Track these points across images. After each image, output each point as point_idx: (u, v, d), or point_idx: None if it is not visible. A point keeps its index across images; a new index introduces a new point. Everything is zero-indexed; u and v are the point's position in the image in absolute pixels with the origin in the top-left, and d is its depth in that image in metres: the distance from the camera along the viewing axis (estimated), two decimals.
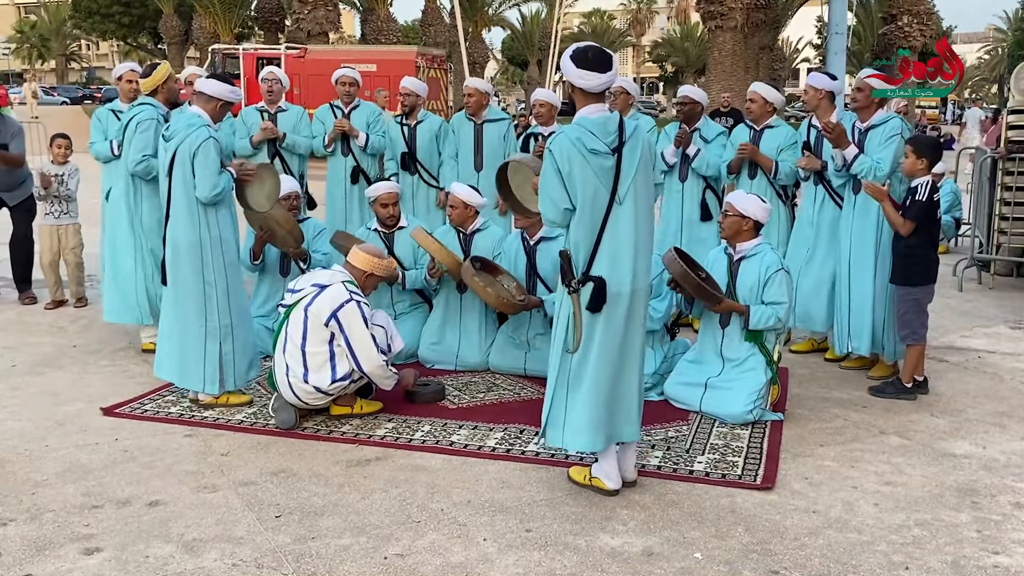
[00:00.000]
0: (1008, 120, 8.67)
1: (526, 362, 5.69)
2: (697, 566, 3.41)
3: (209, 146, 4.82)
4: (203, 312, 4.95)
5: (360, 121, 7.38)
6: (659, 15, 76.97)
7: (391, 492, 4.03)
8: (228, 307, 5.00)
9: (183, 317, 4.99)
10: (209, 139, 4.82)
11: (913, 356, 5.36)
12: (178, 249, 4.93)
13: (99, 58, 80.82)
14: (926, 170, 5.25)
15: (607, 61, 3.76)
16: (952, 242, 10.99)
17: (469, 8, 41.04)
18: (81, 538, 3.61)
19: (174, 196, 4.92)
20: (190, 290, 4.94)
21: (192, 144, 4.81)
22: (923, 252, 5.29)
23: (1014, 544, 3.59)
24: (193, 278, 4.93)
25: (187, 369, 5.03)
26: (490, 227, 6.05)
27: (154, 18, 43.87)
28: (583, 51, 3.77)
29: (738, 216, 5.04)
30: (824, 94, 5.99)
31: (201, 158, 4.80)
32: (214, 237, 4.94)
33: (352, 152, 7.36)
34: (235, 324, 5.04)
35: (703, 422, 4.91)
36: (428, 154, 7.32)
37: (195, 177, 4.83)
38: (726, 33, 19.89)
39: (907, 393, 5.33)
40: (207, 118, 4.92)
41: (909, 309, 5.32)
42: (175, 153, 4.85)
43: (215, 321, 4.97)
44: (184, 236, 4.91)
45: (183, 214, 4.90)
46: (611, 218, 3.76)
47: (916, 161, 5.24)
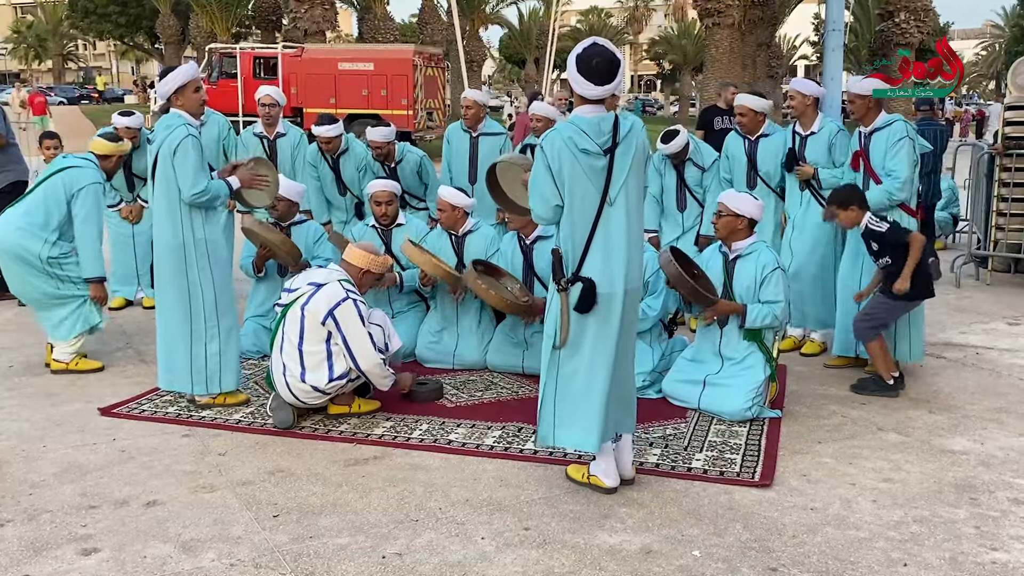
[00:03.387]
0: (1005, 116, 8.67)
1: (524, 360, 5.69)
2: (695, 564, 3.41)
3: (187, 144, 4.77)
4: (188, 314, 4.93)
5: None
6: (656, 12, 76.87)
7: (389, 491, 4.03)
8: (215, 310, 4.97)
9: (167, 319, 4.98)
10: (188, 137, 4.78)
11: (876, 352, 5.35)
12: (161, 251, 4.93)
13: (96, 58, 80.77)
14: (861, 213, 5.25)
15: (611, 72, 3.67)
16: (950, 238, 11.00)
17: (466, 6, 41.00)
18: (79, 538, 3.61)
19: (156, 198, 4.92)
20: (173, 292, 4.93)
21: (171, 144, 4.78)
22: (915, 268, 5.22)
23: (1012, 540, 3.59)
24: (176, 280, 4.91)
25: (174, 372, 5.02)
26: (481, 227, 6.04)
27: (151, 17, 43.84)
28: (588, 58, 3.68)
29: (732, 216, 5.03)
30: (811, 100, 5.99)
31: (180, 157, 4.76)
32: (198, 239, 4.89)
33: (349, 191, 7.10)
34: (222, 326, 5.01)
35: (701, 419, 4.91)
36: (413, 187, 7.18)
37: (177, 178, 4.80)
38: (723, 30, 19.86)
39: (889, 389, 5.32)
40: (187, 117, 4.87)
41: (875, 312, 5.31)
42: (156, 155, 4.84)
43: (200, 323, 4.95)
44: (167, 238, 4.89)
45: (165, 216, 4.88)
46: (602, 219, 3.75)
47: (847, 213, 5.26)
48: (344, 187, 7.09)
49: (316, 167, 7.10)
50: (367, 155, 7.11)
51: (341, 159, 7.06)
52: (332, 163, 7.06)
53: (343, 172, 7.07)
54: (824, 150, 5.96)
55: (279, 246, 5.81)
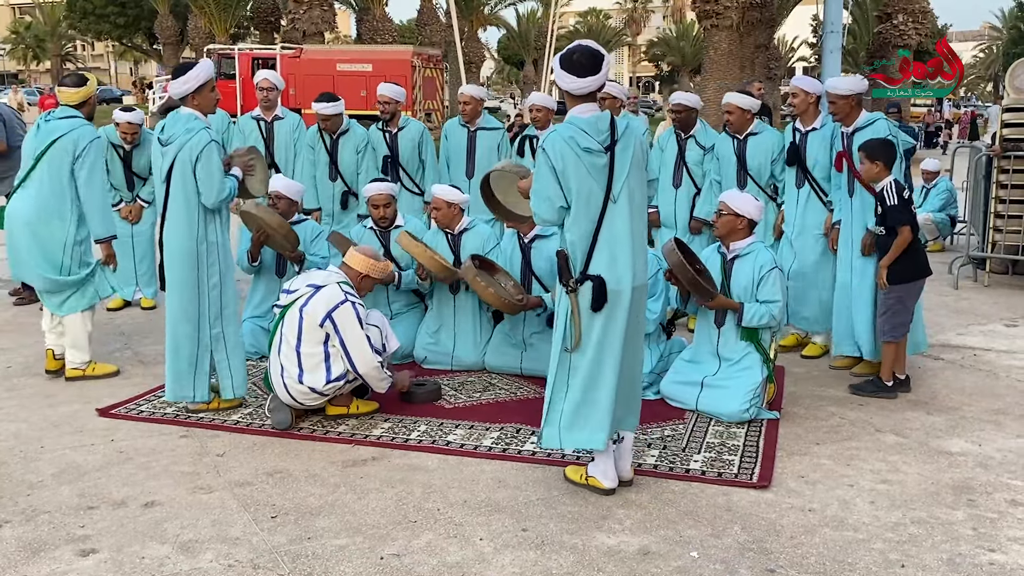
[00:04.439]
0: (1003, 118, 8.67)
1: (522, 361, 5.69)
2: (693, 565, 3.41)
3: (212, 150, 4.74)
4: (196, 319, 4.89)
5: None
6: (655, 14, 76.98)
7: (387, 492, 4.03)
8: (220, 315, 4.95)
9: (178, 325, 4.90)
10: (211, 143, 4.74)
11: (890, 353, 5.35)
12: (173, 255, 4.86)
13: (94, 59, 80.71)
14: (884, 171, 5.23)
15: (593, 65, 3.71)
16: (948, 240, 11.01)
17: (465, 7, 41.04)
18: (77, 539, 3.60)
19: (172, 202, 4.82)
20: (182, 296, 4.87)
21: (193, 150, 4.72)
22: (906, 251, 5.25)
23: (1009, 541, 3.60)
24: (186, 284, 4.86)
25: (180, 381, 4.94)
26: (477, 225, 6.03)
27: (149, 18, 43.80)
28: (569, 53, 3.76)
29: (732, 215, 5.04)
30: (814, 98, 5.99)
31: (204, 163, 4.72)
32: (211, 243, 4.87)
33: (341, 175, 7.11)
34: (227, 331, 4.99)
35: (699, 421, 4.91)
36: (410, 160, 7.18)
37: (198, 183, 4.75)
38: (722, 32, 19.85)
39: (887, 391, 5.32)
40: (203, 118, 4.83)
41: (892, 306, 5.30)
42: (175, 159, 4.76)
43: (207, 328, 4.92)
44: (180, 242, 4.83)
45: (182, 220, 4.81)
46: (607, 216, 3.77)
47: (871, 166, 5.24)
48: (337, 171, 7.10)
49: (313, 148, 7.13)
50: (367, 136, 7.16)
51: (340, 140, 7.09)
52: (330, 145, 7.09)
53: (340, 154, 7.09)
54: (825, 146, 5.96)
55: (276, 229, 5.71)
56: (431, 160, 7.27)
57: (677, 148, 6.81)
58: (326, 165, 7.11)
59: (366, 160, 7.08)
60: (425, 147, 7.23)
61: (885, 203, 5.18)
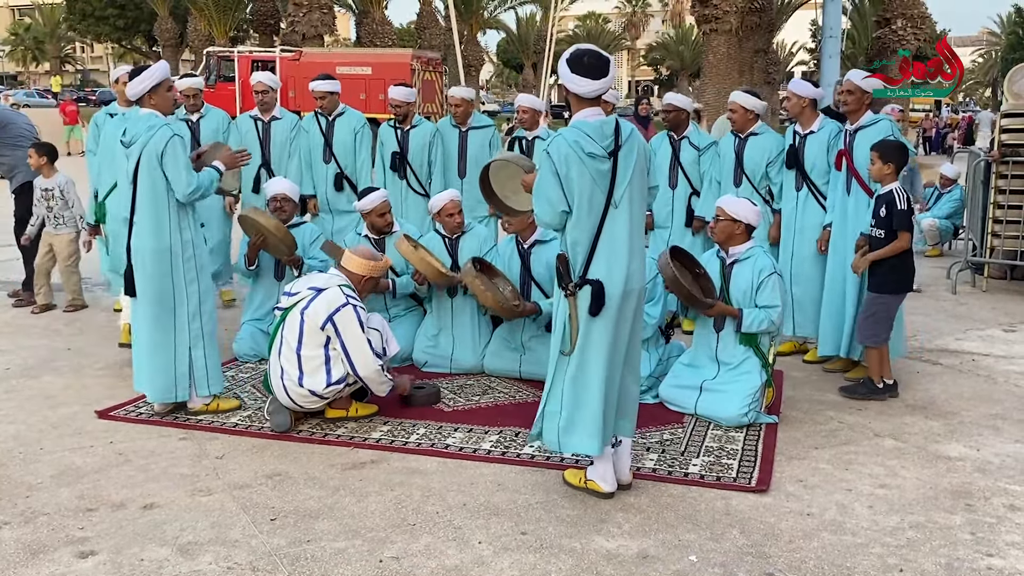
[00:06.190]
0: (1002, 123, 8.69)
1: (521, 365, 5.70)
2: (692, 569, 3.41)
3: (176, 144, 4.72)
4: (173, 319, 4.86)
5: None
6: (654, 18, 77.11)
7: (386, 495, 4.03)
8: (199, 312, 4.93)
9: (153, 327, 4.86)
10: (174, 137, 4.72)
11: (874, 358, 5.37)
12: (144, 257, 4.81)
13: (94, 60, 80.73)
14: (893, 175, 5.24)
15: (602, 67, 3.73)
16: (946, 245, 11.02)
17: (464, 11, 41.09)
18: (75, 541, 3.60)
19: (140, 202, 4.77)
20: (159, 298, 4.83)
21: (157, 145, 4.70)
22: (900, 261, 5.27)
23: (1008, 546, 3.60)
24: (161, 285, 4.81)
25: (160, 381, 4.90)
26: (474, 228, 6.05)
27: (149, 21, 43.88)
28: (579, 55, 3.75)
29: (729, 220, 5.05)
30: (808, 102, 6.01)
31: (170, 158, 4.70)
32: (185, 241, 4.84)
33: (335, 158, 7.16)
34: (205, 331, 4.97)
35: (698, 425, 4.91)
36: (419, 159, 7.23)
37: (168, 179, 4.72)
38: (721, 36, 19.92)
39: (878, 393, 5.34)
40: (162, 116, 4.79)
41: (876, 313, 5.31)
42: (139, 158, 4.72)
43: (184, 327, 4.89)
44: (152, 243, 4.78)
45: (152, 220, 4.76)
46: (607, 221, 3.77)
47: (883, 167, 5.24)
48: (331, 153, 7.13)
49: (308, 131, 7.18)
50: (364, 122, 7.23)
51: (336, 122, 7.15)
52: (325, 127, 7.13)
53: (335, 135, 7.13)
54: (823, 149, 5.97)
55: (273, 232, 5.71)
56: (439, 161, 7.28)
57: (671, 150, 6.84)
58: (320, 147, 7.16)
59: (363, 145, 7.14)
60: (435, 147, 7.26)
61: (895, 206, 5.19)
